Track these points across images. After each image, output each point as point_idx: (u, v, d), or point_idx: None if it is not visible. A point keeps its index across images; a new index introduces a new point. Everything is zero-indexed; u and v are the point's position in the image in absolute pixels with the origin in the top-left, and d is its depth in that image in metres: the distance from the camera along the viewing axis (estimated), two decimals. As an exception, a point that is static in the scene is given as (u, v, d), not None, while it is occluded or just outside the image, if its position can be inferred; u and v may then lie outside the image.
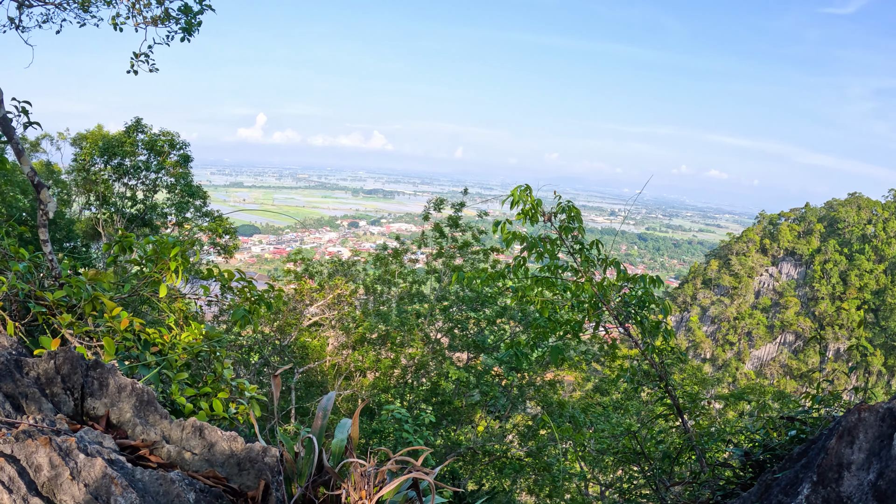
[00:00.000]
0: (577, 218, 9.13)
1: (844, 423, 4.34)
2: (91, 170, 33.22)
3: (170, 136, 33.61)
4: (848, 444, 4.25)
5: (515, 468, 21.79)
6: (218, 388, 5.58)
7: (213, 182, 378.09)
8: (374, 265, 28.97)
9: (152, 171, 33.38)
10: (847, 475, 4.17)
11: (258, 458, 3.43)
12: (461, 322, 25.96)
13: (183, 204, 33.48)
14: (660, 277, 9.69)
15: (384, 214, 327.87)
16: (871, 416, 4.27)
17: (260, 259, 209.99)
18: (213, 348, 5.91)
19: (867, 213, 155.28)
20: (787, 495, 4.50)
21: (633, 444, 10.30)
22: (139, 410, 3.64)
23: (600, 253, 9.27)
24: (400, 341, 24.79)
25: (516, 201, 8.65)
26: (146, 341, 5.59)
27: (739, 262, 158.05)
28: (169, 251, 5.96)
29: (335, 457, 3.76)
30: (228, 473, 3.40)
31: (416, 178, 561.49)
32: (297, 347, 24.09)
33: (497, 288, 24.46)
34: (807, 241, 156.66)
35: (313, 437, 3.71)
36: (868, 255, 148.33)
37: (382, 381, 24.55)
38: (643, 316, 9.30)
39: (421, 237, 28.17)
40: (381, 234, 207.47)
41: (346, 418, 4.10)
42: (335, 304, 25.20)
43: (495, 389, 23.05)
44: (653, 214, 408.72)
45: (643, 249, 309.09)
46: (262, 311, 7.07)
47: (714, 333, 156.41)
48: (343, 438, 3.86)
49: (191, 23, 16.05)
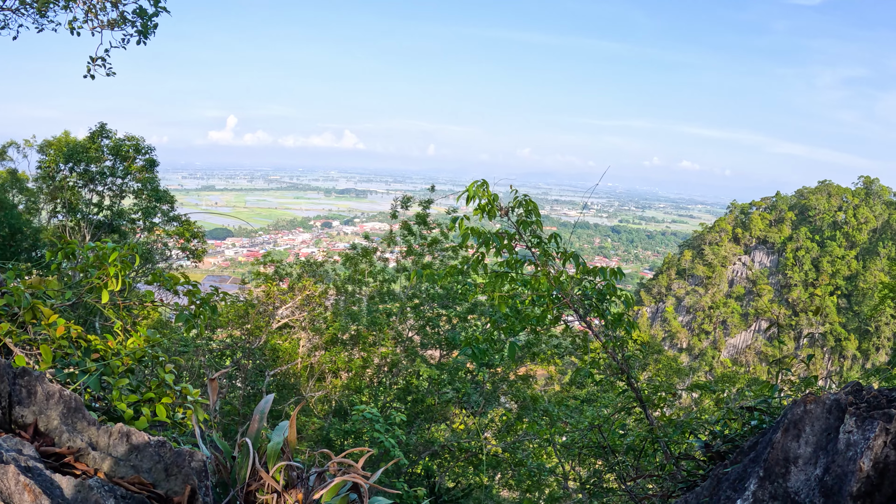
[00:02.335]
0: (535, 212, 9.08)
1: (790, 416, 4.20)
2: (57, 177, 32.86)
3: (135, 140, 33.30)
4: (794, 438, 4.12)
5: (492, 464, 21.79)
6: (162, 394, 5.50)
7: (184, 186, 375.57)
8: (344, 265, 28.87)
9: (118, 177, 33.07)
10: (794, 470, 4.05)
11: (185, 464, 3.36)
12: (432, 320, 25.92)
13: (150, 209, 33.19)
14: (621, 269, 9.67)
15: (357, 214, 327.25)
16: (817, 408, 4.14)
17: (234, 262, 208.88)
18: (156, 354, 5.82)
19: (837, 200, 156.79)
20: (735, 490, 4.38)
21: (598, 437, 10.28)
22: (66, 418, 3.56)
23: (559, 247, 9.22)
24: (372, 341, 24.72)
25: (472, 197, 8.60)
26: (87, 348, 5.50)
27: (712, 251, 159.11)
28: (108, 257, 5.86)
29: (271, 460, 3.70)
30: (155, 479, 3.33)
31: (389, 176, 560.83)
32: (267, 350, 23.95)
33: (465, 285, 24.46)
34: (778, 230, 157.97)
35: (248, 441, 3.64)
36: (839, 242, 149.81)
37: (355, 381, 24.46)
38: (604, 309, 9.28)
39: (389, 236, 28.12)
40: (354, 234, 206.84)
41: (284, 421, 4.03)
42: (305, 306, 25.07)
43: (467, 386, 23.03)
44: (626, 207, 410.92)
45: (617, 242, 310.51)
46: (207, 314, 6.95)
47: (689, 323, 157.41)
48: (279, 441, 3.79)
49: (146, 25, 15.91)
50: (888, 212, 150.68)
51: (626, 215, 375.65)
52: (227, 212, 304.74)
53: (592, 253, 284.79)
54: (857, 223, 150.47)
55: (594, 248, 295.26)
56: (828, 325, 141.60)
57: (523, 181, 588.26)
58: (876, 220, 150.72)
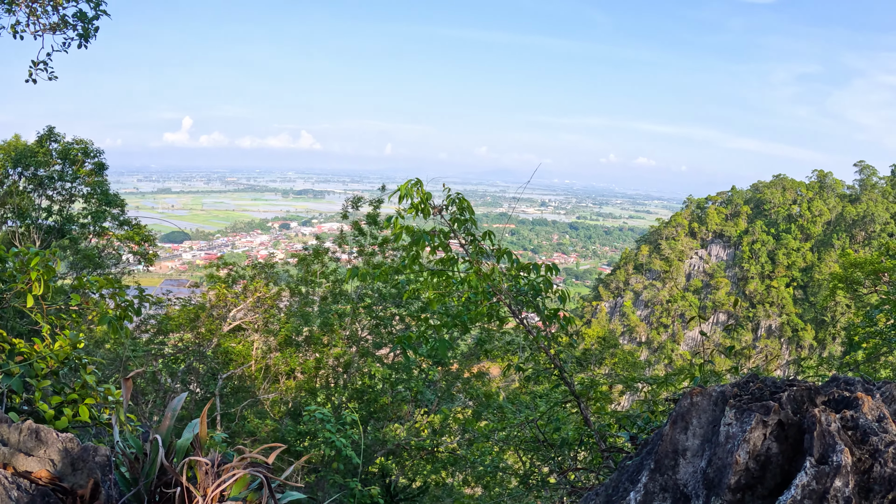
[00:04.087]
0: (469, 210, 9.23)
1: (678, 409, 4.25)
2: (6, 182, 32.43)
3: (83, 144, 32.96)
4: (682, 430, 4.16)
5: (450, 461, 21.92)
6: (85, 395, 5.57)
7: (140, 189, 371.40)
8: (297, 266, 28.83)
9: (67, 181, 32.71)
10: (683, 462, 4.09)
11: (90, 458, 3.47)
12: (385, 319, 26.00)
13: (100, 213, 32.84)
14: (556, 265, 9.83)
15: (315, 215, 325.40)
16: (703, 400, 4.18)
17: (191, 266, 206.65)
18: (80, 356, 5.89)
19: (792, 193, 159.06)
20: (631, 482, 4.42)
21: (535, 432, 10.46)
22: (-24, 418, 3.65)
23: (493, 243, 9.37)
24: (326, 341, 24.75)
25: (404, 195, 8.73)
26: (10, 351, 5.55)
27: (669, 246, 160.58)
28: (30, 262, 5.91)
29: (180, 455, 3.81)
30: (62, 473, 3.43)
31: (346, 176, 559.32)
32: (220, 353, 23.87)
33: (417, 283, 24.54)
34: (734, 223, 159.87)
35: (158, 437, 3.75)
36: (794, 234, 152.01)
37: (309, 382, 24.48)
38: (539, 304, 9.44)
39: (340, 235, 28.13)
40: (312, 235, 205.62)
41: (195, 419, 4.15)
42: (258, 308, 25.04)
43: (420, 384, 23.16)
44: (583, 203, 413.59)
45: (575, 238, 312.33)
46: (132, 317, 6.99)
47: (648, 317, 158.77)
48: (189, 437, 3.91)
49: (87, 29, 15.81)
50: (841, 204, 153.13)
51: (584, 212, 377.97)
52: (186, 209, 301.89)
53: (551, 249, 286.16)
54: (811, 216, 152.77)
55: (553, 245, 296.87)
56: (784, 317, 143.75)
57: (481, 179, 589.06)
58: (830, 213, 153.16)
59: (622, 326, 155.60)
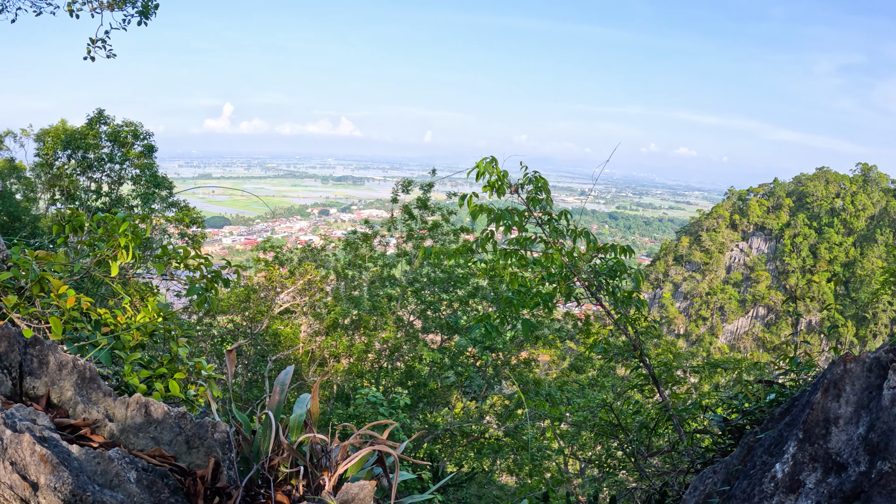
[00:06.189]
0: (545, 189, 8.96)
1: (829, 376, 4.15)
2: (55, 165, 32.67)
3: (133, 126, 33.09)
4: (834, 398, 4.06)
5: (494, 448, 21.72)
6: (175, 369, 5.35)
7: (181, 174, 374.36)
8: (344, 251, 28.72)
9: (116, 163, 32.85)
10: (835, 430, 4.00)
11: (207, 436, 3.22)
12: (433, 304, 25.80)
13: (148, 195, 32.95)
14: (630, 247, 9.56)
15: (354, 201, 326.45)
16: (857, 366, 4.09)
17: (231, 250, 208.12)
18: (169, 328, 5.68)
19: (835, 187, 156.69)
20: (771, 455, 4.30)
21: (609, 416, 10.18)
22: (81, 388, 3.42)
23: (569, 224, 9.09)
24: (373, 325, 24.61)
25: (482, 173, 8.46)
26: (97, 322, 5.36)
27: (710, 237, 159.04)
28: (118, 228, 5.71)
29: (294, 432, 3.57)
30: (177, 452, 3.20)
31: (386, 163, 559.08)
32: (268, 335, 23.84)
33: (467, 269, 24.34)
34: (776, 216, 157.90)
35: (270, 413, 3.51)
36: (837, 229, 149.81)
37: (357, 366, 24.37)
38: (615, 286, 9.16)
39: (391, 220, 27.95)
40: (351, 221, 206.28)
41: (305, 393, 3.90)
42: (306, 291, 24.95)
43: (470, 370, 22.95)
44: (623, 193, 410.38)
45: (614, 228, 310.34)
46: (220, 289, 6.80)
47: (687, 309, 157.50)
48: (302, 413, 3.67)
49: (147, 5, 15.72)
50: (886, 199, 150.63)
51: (624, 202, 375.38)
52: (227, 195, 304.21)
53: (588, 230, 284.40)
54: (854, 210, 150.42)
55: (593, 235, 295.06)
56: (825, 312, 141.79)
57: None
58: (874, 207, 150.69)
59: (661, 318, 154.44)
